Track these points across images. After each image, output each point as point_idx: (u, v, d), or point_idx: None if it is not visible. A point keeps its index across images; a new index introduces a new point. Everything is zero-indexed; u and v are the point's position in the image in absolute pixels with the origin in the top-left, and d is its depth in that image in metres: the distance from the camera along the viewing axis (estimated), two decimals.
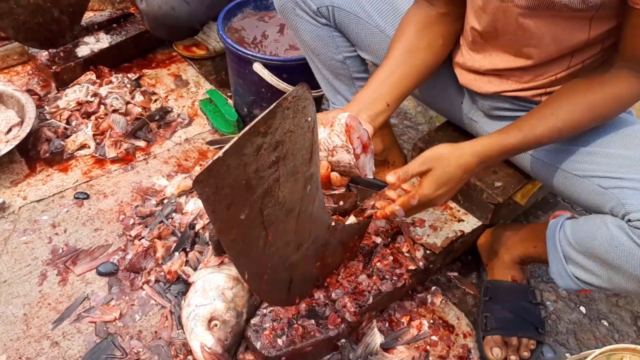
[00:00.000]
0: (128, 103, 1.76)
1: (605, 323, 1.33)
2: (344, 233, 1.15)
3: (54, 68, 1.81)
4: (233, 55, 1.63)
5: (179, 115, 1.81)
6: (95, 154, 1.65)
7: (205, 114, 1.79)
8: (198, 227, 1.34)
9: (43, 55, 1.85)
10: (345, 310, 1.16)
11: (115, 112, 1.72)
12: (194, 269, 1.26)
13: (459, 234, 1.34)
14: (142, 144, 1.70)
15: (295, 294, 1.14)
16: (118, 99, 1.75)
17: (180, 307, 1.21)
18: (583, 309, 1.35)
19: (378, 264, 1.25)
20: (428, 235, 1.34)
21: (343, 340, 1.15)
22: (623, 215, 0.91)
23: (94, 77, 1.86)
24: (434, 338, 1.24)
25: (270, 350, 1.09)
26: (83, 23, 1.92)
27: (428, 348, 1.22)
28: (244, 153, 0.74)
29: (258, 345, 1.10)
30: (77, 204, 1.49)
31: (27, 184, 1.55)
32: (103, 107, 1.73)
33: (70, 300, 1.27)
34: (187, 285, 1.24)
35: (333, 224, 1.09)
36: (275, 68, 1.56)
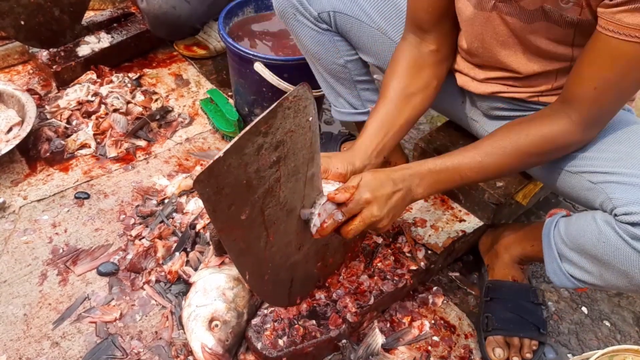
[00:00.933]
0: (129, 102, 1.76)
1: (608, 323, 1.32)
2: None
3: (55, 67, 1.81)
4: (234, 55, 1.63)
5: (180, 115, 1.81)
6: (96, 154, 1.65)
7: (206, 114, 1.79)
8: (199, 226, 1.33)
9: (44, 55, 1.85)
10: (347, 311, 1.15)
11: (116, 111, 1.72)
12: (195, 269, 1.26)
13: (461, 234, 1.34)
14: (142, 144, 1.70)
15: (296, 294, 1.13)
16: (119, 99, 1.75)
17: (181, 307, 1.21)
18: (585, 310, 1.35)
19: (379, 264, 1.24)
20: (429, 235, 1.33)
21: (344, 341, 1.15)
22: (611, 210, 0.90)
23: (95, 76, 1.86)
24: (436, 339, 1.23)
25: (271, 351, 1.09)
26: (84, 22, 1.92)
27: (429, 349, 1.21)
28: (245, 153, 0.73)
29: (259, 346, 1.10)
30: (77, 204, 1.49)
31: (27, 184, 1.54)
32: (104, 106, 1.73)
33: (71, 301, 1.27)
34: (187, 286, 1.24)
35: None
36: (276, 67, 1.56)
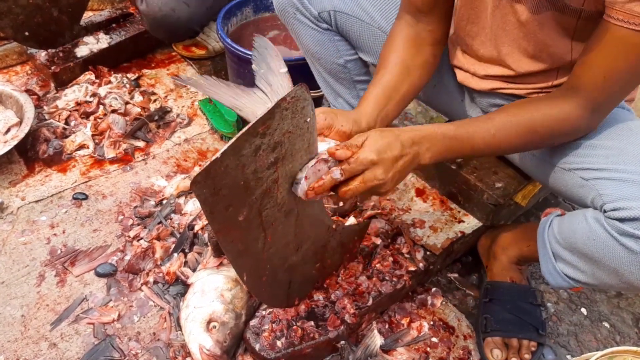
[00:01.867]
0: (127, 103, 1.76)
1: (607, 325, 1.32)
2: (344, 234, 1.14)
3: (53, 68, 1.81)
4: (232, 55, 1.63)
5: (178, 116, 1.80)
6: (94, 155, 1.64)
7: (205, 114, 1.78)
8: (197, 227, 1.33)
9: (42, 55, 1.85)
10: (345, 312, 1.15)
11: (114, 112, 1.72)
12: (193, 270, 1.26)
13: (460, 235, 1.34)
14: (141, 144, 1.69)
15: (295, 296, 1.13)
16: (117, 99, 1.75)
17: (179, 308, 1.21)
18: (584, 311, 1.34)
19: (378, 265, 1.24)
20: (428, 236, 1.33)
21: (342, 342, 1.15)
22: (601, 207, 0.89)
23: (93, 77, 1.85)
24: (434, 340, 1.23)
25: (269, 352, 1.09)
26: (82, 23, 1.92)
27: (428, 350, 1.21)
28: (242, 154, 0.73)
29: (257, 347, 1.10)
30: (75, 205, 1.49)
31: (25, 185, 1.54)
32: (102, 107, 1.73)
33: (69, 302, 1.26)
34: (185, 287, 1.24)
35: (333, 225, 1.08)
36: None
